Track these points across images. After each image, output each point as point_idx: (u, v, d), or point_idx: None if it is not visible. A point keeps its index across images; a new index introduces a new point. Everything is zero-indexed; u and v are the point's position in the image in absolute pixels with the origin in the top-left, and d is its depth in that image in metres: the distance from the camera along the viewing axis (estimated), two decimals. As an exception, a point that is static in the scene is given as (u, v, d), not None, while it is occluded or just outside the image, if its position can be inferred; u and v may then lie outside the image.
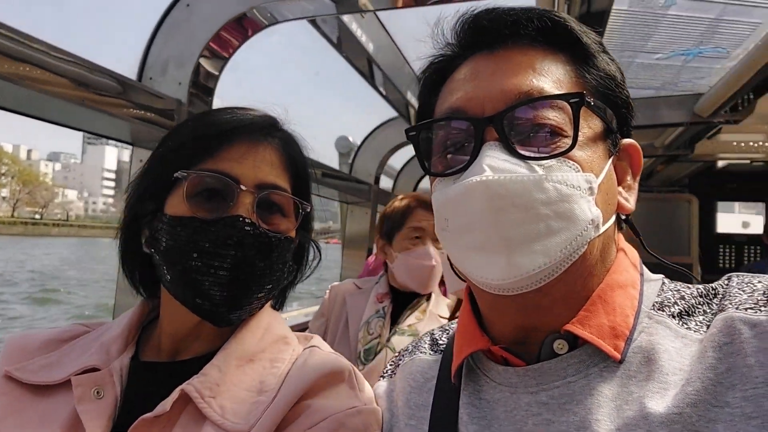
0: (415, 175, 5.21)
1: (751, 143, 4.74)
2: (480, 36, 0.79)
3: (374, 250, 4.05)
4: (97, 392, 0.89)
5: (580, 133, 0.72)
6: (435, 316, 2.27)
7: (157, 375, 0.94)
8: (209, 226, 0.89)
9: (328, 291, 2.42)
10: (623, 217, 0.82)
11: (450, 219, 0.75)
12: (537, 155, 0.71)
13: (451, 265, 0.82)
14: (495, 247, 0.69)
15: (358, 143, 4.39)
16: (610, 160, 0.77)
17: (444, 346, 0.95)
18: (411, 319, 2.23)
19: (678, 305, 0.74)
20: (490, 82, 0.75)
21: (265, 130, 0.98)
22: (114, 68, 1.60)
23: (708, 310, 0.72)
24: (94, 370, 0.91)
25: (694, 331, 0.70)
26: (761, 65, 2.77)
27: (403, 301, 2.27)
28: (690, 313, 0.73)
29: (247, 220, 0.89)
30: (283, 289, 1.06)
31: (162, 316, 1.00)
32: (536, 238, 0.68)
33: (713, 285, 0.75)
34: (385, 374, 1.01)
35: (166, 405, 0.84)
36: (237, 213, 0.89)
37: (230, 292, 0.89)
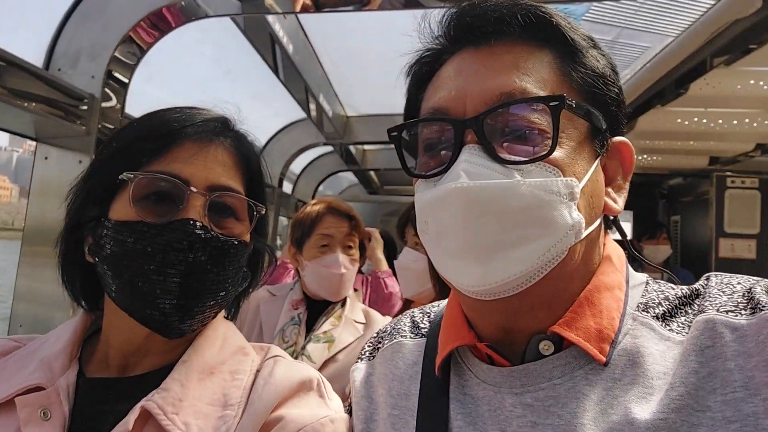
0: (316, 179, 5.18)
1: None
2: (465, 32, 0.77)
3: (278, 257, 3.97)
4: (44, 413, 0.81)
5: (563, 135, 0.71)
6: (351, 321, 2.26)
7: (108, 392, 0.87)
8: (158, 231, 0.84)
9: (240, 298, 2.34)
10: (611, 218, 0.80)
11: (429, 222, 0.74)
12: (516, 159, 0.69)
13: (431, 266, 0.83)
14: (470, 254, 0.69)
15: (259, 144, 4.26)
16: (597, 160, 0.75)
17: (426, 330, 0.93)
18: (326, 326, 2.20)
19: (662, 306, 0.74)
20: (472, 81, 0.73)
21: (216, 129, 0.94)
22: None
23: (689, 311, 0.72)
24: (38, 389, 0.84)
25: (677, 333, 0.70)
26: (646, 86, 3.03)
27: (318, 308, 2.25)
28: (673, 314, 0.73)
29: (198, 224, 0.84)
30: (237, 296, 1.02)
31: (107, 330, 0.93)
32: (512, 246, 0.67)
33: (695, 286, 0.75)
34: (363, 356, 0.97)
35: (128, 423, 0.79)
36: (187, 216, 0.85)
37: (181, 300, 0.84)
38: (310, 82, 2.79)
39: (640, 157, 5.28)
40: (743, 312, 0.67)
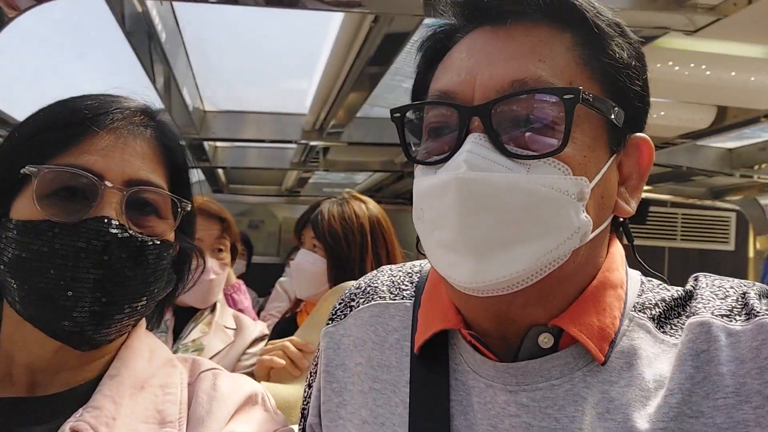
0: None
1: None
2: (481, 10, 0.72)
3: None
4: None
5: (576, 130, 0.66)
6: (221, 327, 2.18)
7: (19, 414, 0.78)
8: (67, 231, 0.76)
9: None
10: (620, 219, 0.76)
11: (425, 210, 0.70)
12: (523, 153, 0.65)
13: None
14: (464, 249, 0.65)
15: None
16: (612, 158, 0.70)
17: (409, 292, 0.87)
18: (195, 333, 2.10)
19: (659, 307, 0.72)
20: (483, 65, 0.68)
21: (136, 118, 0.86)
22: None
23: (682, 313, 0.71)
24: None
25: (670, 336, 0.69)
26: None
27: (185, 314, 2.13)
28: (668, 316, 0.72)
29: (114, 222, 0.77)
30: (161, 302, 0.94)
31: (8, 344, 0.82)
32: (510, 244, 0.64)
33: (688, 288, 0.74)
34: (335, 317, 0.90)
35: None
36: (102, 214, 0.77)
37: (96, 307, 0.76)
38: (175, 73, 2.62)
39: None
40: (738, 317, 0.67)
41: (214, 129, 3.79)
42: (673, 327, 0.70)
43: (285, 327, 2.09)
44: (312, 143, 4.07)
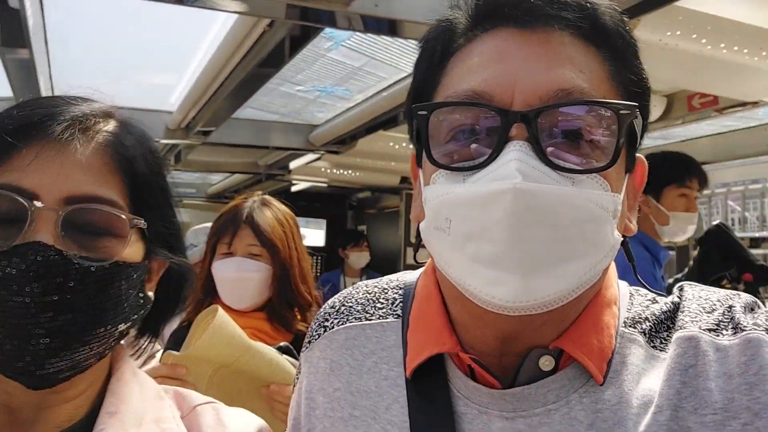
0: None
1: (336, 171, 5.55)
2: (512, 7, 0.66)
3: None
4: None
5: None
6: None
7: None
8: None
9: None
10: (620, 239, 0.73)
11: (454, 221, 0.63)
12: (571, 167, 0.62)
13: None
14: (512, 264, 0.60)
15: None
16: (626, 177, 0.69)
17: (385, 310, 0.82)
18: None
19: (649, 321, 0.71)
20: (522, 69, 0.64)
21: (81, 125, 0.74)
22: None
23: (671, 326, 0.70)
24: None
25: (660, 350, 0.68)
26: (378, 113, 3.35)
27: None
28: (658, 329, 0.70)
29: (48, 248, 0.68)
30: (153, 325, 0.86)
31: None
32: (560, 261, 0.61)
33: (674, 299, 0.73)
34: (311, 338, 0.87)
35: None
36: (34, 239, 0.68)
37: (38, 346, 0.68)
38: (34, 58, 2.36)
39: (337, 171, 5.74)
40: (725, 332, 0.66)
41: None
42: (663, 341, 0.69)
43: (184, 335, 1.93)
44: (176, 142, 3.87)
